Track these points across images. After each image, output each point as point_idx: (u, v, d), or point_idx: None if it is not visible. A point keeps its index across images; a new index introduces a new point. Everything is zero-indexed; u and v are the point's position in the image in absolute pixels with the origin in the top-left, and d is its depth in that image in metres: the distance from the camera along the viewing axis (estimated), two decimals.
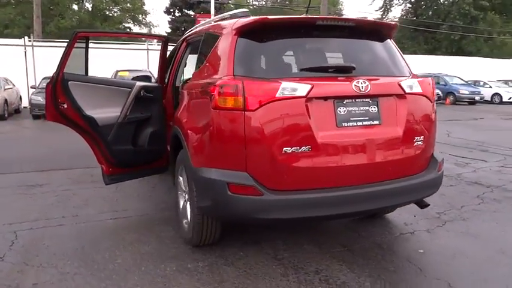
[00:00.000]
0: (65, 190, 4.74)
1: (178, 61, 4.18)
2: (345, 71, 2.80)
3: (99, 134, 3.78)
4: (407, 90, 2.85)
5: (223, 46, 2.83)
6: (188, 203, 3.13)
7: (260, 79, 2.60)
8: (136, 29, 36.65)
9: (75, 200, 4.38)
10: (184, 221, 3.25)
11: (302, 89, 2.55)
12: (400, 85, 2.84)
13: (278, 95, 2.51)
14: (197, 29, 3.94)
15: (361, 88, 2.67)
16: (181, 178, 3.33)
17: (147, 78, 4.95)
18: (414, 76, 3.03)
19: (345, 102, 2.68)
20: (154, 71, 6.68)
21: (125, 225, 3.70)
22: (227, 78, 2.61)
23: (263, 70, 2.80)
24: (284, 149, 2.52)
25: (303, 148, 2.54)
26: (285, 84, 2.53)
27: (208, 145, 2.70)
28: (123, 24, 35.98)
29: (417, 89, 2.90)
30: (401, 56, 3.11)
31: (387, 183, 2.73)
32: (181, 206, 3.40)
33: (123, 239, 3.37)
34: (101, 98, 3.78)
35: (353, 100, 2.70)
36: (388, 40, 3.12)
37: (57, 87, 3.58)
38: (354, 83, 2.67)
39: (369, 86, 2.69)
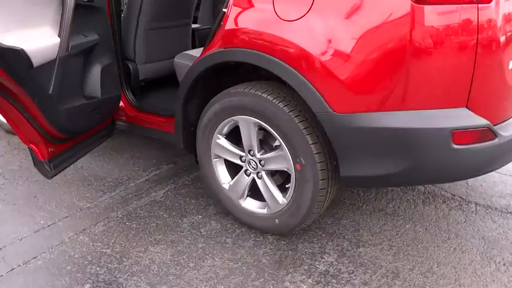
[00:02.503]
0: None
1: None
2: None
3: (31, 85, 1.86)
4: None
5: None
6: (264, 177, 1.97)
7: None
8: None
9: None
10: (246, 202, 2.13)
11: None
12: None
13: None
14: None
15: None
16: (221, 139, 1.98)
17: None
18: None
19: None
20: None
21: None
22: None
23: None
24: None
25: None
26: None
27: (399, 72, 1.53)
28: None
29: None
30: None
31: None
32: (234, 183, 2.13)
33: None
34: (13, 11, 1.79)
35: None
36: None
37: None
38: None
39: None
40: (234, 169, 2.23)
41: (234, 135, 2.15)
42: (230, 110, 1.99)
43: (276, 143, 2.01)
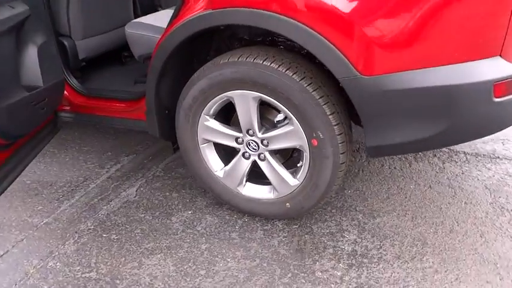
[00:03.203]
0: None
1: None
2: None
3: None
4: None
5: None
6: (269, 158, 1.74)
7: None
8: None
9: None
10: (246, 188, 1.87)
11: None
12: None
13: None
14: None
15: None
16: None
17: None
18: None
19: None
20: None
21: None
22: None
23: None
24: None
25: None
26: None
27: (436, 21, 1.32)
28: None
29: None
30: None
31: None
32: (231, 168, 1.84)
33: None
34: None
35: None
36: None
37: None
38: None
39: None
40: (226, 153, 1.93)
41: (222, 115, 1.84)
42: (222, 85, 1.67)
43: (279, 118, 1.75)
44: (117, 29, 2.54)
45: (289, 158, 1.90)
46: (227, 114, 1.87)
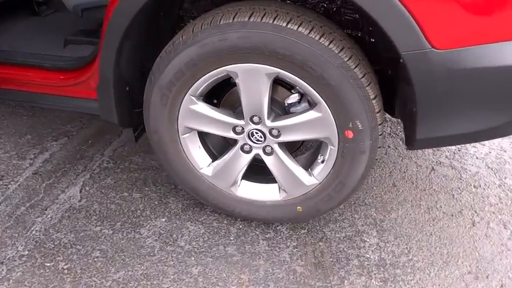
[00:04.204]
0: None
1: None
2: None
3: None
4: None
5: None
6: (278, 152, 1.38)
7: None
8: None
9: None
10: (242, 188, 1.46)
11: None
12: None
13: None
14: None
15: None
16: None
17: None
18: None
19: None
20: None
21: None
22: None
23: None
24: None
25: None
26: None
27: None
28: None
29: None
30: None
31: None
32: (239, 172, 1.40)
33: None
34: None
35: None
36: None
37: None
38: None
39: None
40: (214, 145, 1.47)
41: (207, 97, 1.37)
42: (222, 56, 1.18)
43: (291, 100, 1.32)
44: None
45: (296, 149, 1.51)
46: (215, 96, 1.40)
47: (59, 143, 1.92)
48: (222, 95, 1.41)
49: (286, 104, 1.34)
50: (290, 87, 1.34)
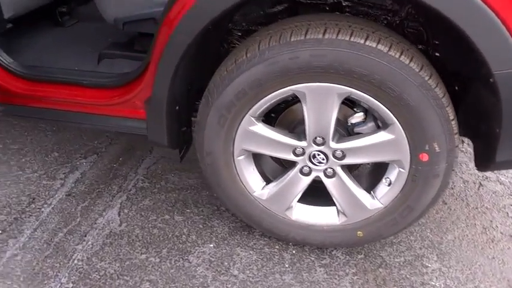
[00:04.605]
0: None
1: None
2: None
3: None
4: None
5: None
6: (340, 175, 1.31)
7: None
8: None
9: None
10: (297, 211, 1.37)
11: None
12: None
13: None
14: None
15: None
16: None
17: None
18: None
19: None
20: None
21: None
22: None
23: None
24: None
25: None
26: None
27: None
28: None
29: None
30: None
31: None
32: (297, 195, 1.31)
33: None
34: None
35: None
36: None
37: None
38: None
39: None
40: (266, 168, 1.39)
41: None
42: (291, 75, 1.10)
43: (356, 119, 1.24)
44: None
45: (356, 169, 1.43)
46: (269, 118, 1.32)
47: (89, 161, 1.83)
48: (278, 114, 1.33)
49: (349, 124, 1.26)
50: (352, 105, 1.26)
